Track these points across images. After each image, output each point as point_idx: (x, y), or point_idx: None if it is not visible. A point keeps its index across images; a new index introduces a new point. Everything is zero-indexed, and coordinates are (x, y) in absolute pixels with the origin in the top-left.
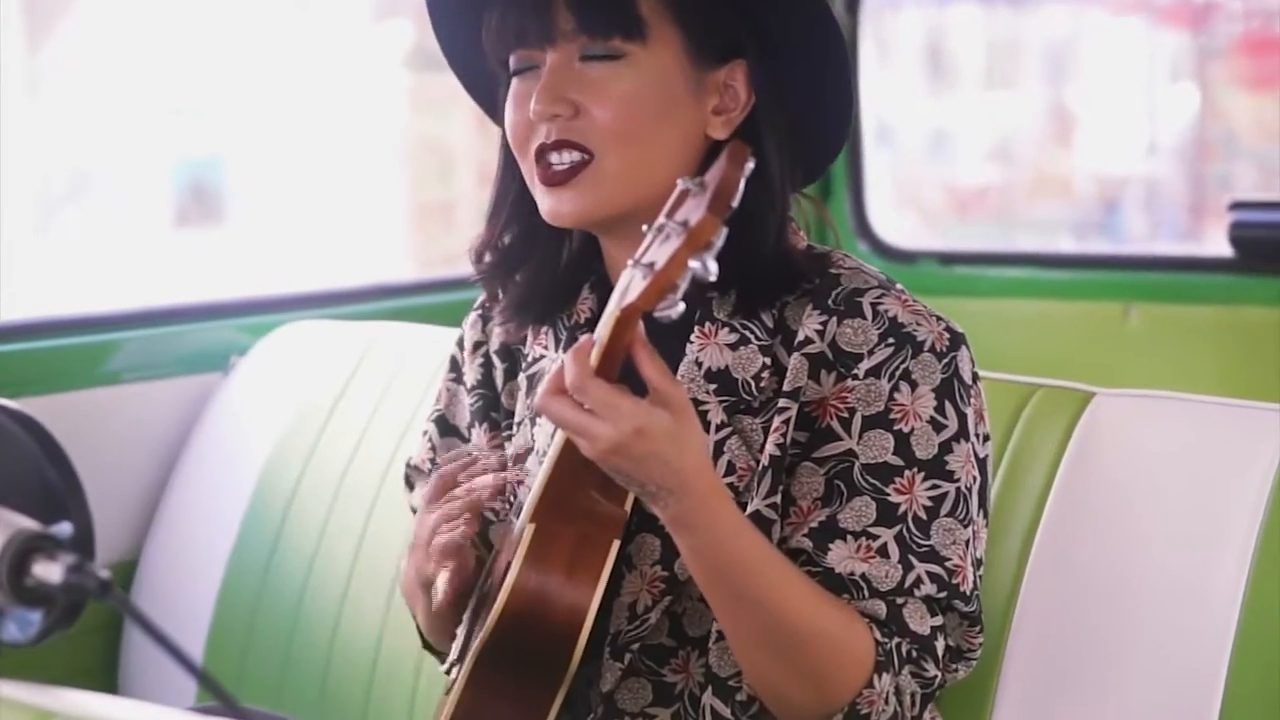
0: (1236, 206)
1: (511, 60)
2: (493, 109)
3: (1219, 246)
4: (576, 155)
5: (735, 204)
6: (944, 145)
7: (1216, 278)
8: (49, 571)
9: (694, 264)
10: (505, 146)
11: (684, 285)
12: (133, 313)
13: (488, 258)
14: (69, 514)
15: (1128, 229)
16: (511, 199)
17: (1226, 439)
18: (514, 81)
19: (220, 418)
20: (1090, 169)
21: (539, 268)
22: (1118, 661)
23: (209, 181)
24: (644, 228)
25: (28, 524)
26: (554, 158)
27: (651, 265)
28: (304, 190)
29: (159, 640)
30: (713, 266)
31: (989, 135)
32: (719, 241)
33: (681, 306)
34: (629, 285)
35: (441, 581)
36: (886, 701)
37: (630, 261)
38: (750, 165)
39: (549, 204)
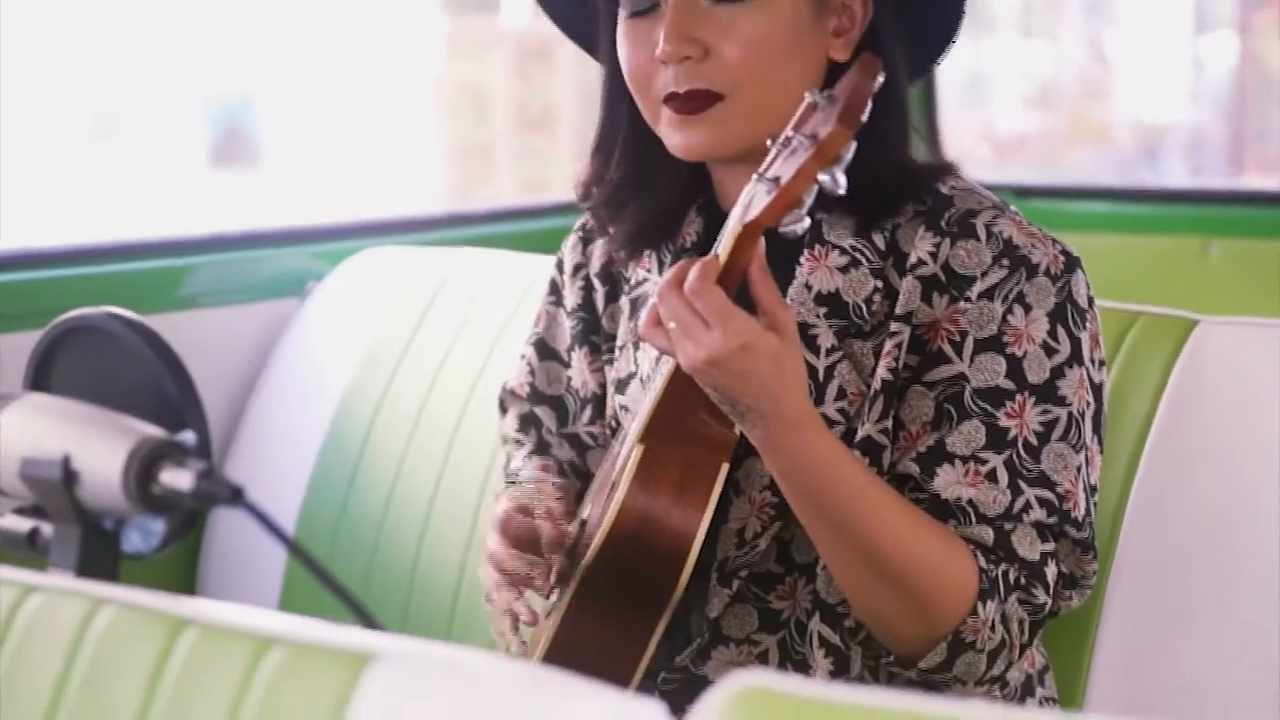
0: None
1: None
2: (590, 44)
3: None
4: (706, 95)
5: (865, 117)
6: (982, 91)
7: None
8: (178, 479)
9: (823, 177)
10: (610, 82)
11: (809, 200)
12: (208, 237)
13: (595, 192)
14: (187, 425)
15: (1166, 178)
16: (623, 134)
17: None
18: (629, 21)
19: (297, 344)
20: (1129, 117)
21: (650, 200)
22: (1222, 596)
23: (244, 123)
24: (768, 142)
25: (154, 431)
26: (684, 102)
27: (777, 180)
28: (340, 132)
29: (295, 551)
30: (841, 180)
31: (1028, 82)
32: (848, 155)
33: (807, 222)
34: (752, 200)
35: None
36: (993, 629)
37: (755, 176)
38: (881, 78)
39: (679, 138)
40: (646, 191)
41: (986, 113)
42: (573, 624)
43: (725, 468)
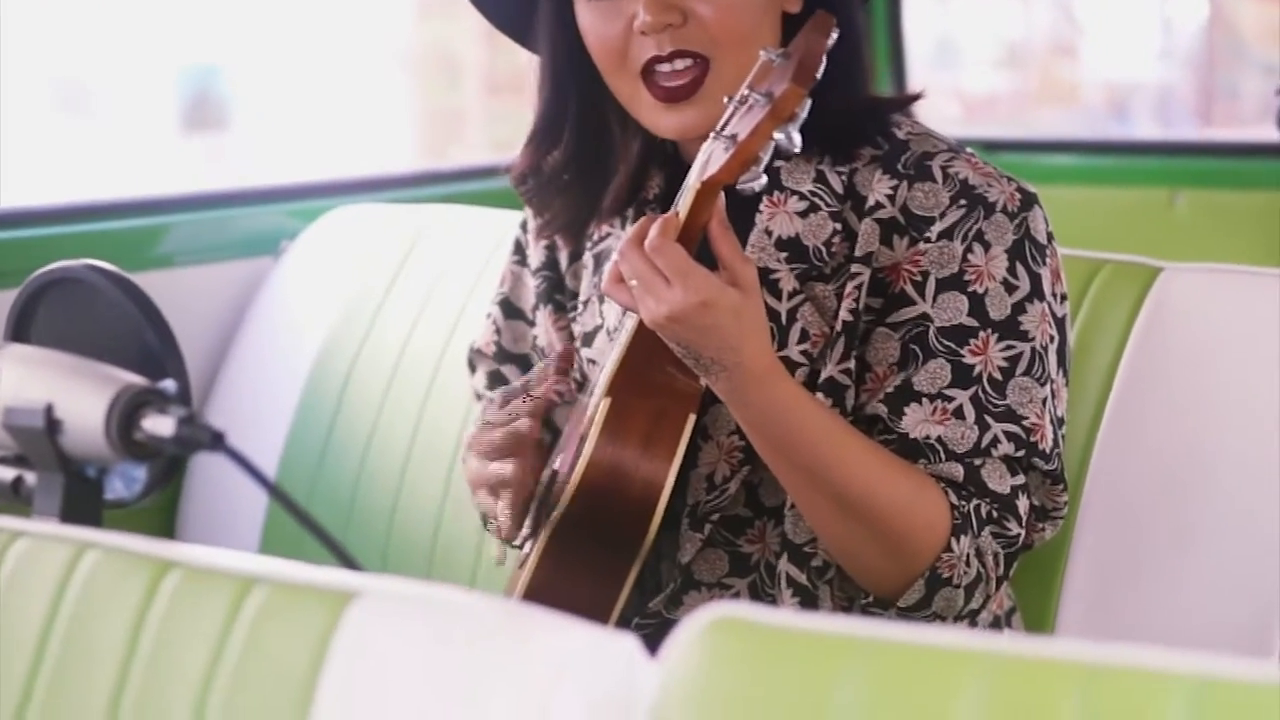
0: None
1: None
2: (521, 34)
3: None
4: (690, 62)
5: (820, 75)
6: (952, 54)
7: (1263, 163)
8: (160, 425)
9: (778, 135)
10: (552, 67)
11: (767, 157)
12: (184, 197)
13: (529, 182)
14: (167, 374)
15: (1135, 135)
16: (571, 119)
17: None
18: (590, 3)
19: (273, 301)
20: (1098, 76)
21: (587, 191)
22: (1188, 536)
23: (214, 88)
24: (724, 99)
25: (136, 379)
26: (666, 68)
27: (734, 137)
28: (311, 97)
29: (276, 495)
30: (797, 138)
31: (997, 43)
32: (803, 113)
33: (764, 179)
34: (710, 158)
35: (502, 510)
36: (968, 564)
37: (712, 134)
38: (835, 35)
39: (669, 121)
40: (594, 174)
41: (956, 75)
42: (545, 574)
43: (692, 419)
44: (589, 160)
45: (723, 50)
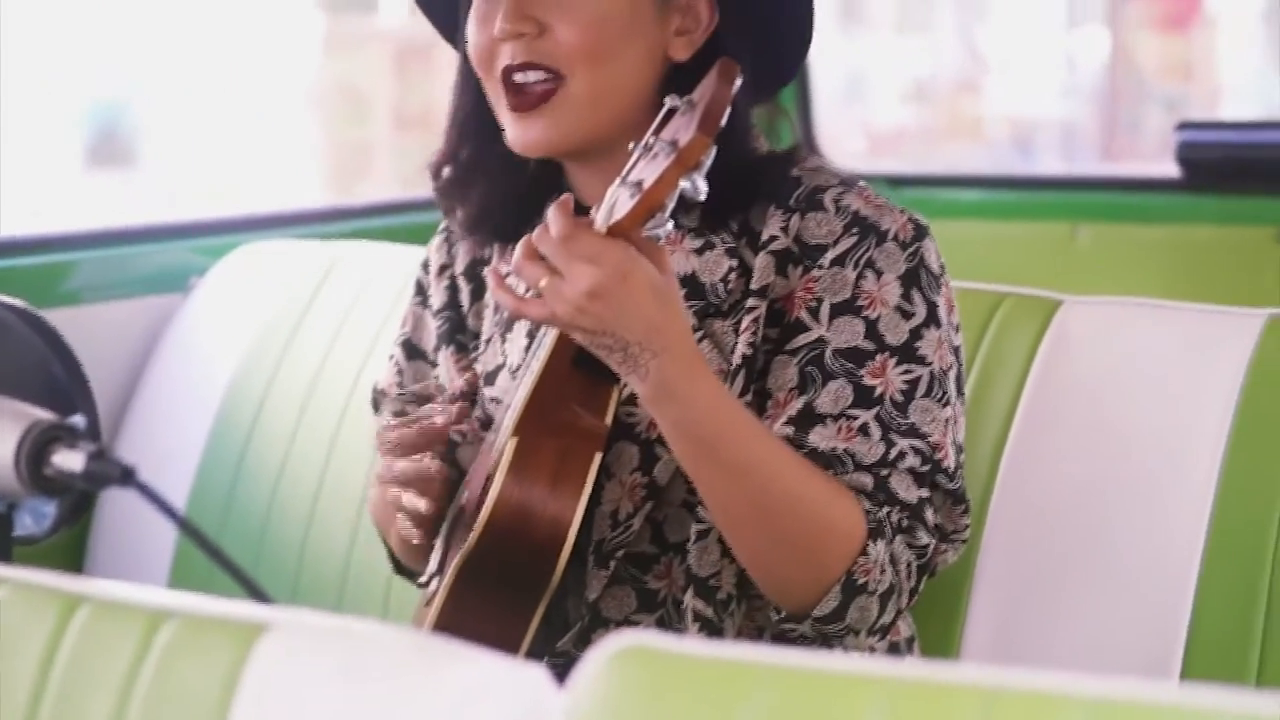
0: (1184, 127)
1: None
2: (452, 32)
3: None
4: (543, 74)
5: (724, 123)
6: (859, 88)
7: (1163, 197)
8: (69, 460)
9: (684, 183)
10: (463, 64)
11: (671, 204)
12: (91, 233)
13: (446, 173)
14: (76, 408)
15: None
16: (467, 116)
17: (1193, 344)
18: (478, 2)
19: (182, 339)
20: (1003, 111)
21: (498, 184)
22: (1090, 565)
23: (121, 123)
24: (630, 145)
25: (44, 415)
26: (519, 78)
27: (639, 184)
28: (218, 132)
29: (186, 529)
30: (702, 185)
31: (903, 78)
32: (708, 161)
33: (670, 225)
34: (615, 203)
35: (405, 524)
36: (882, 571)
37: (618, 180)
38: (739, 82)
39: (517, 133)
40: (493, 174)
41: (864, 109)
42: (452, 611)
43: (598, 457)
44: (489, 163)
45: (576, 67)
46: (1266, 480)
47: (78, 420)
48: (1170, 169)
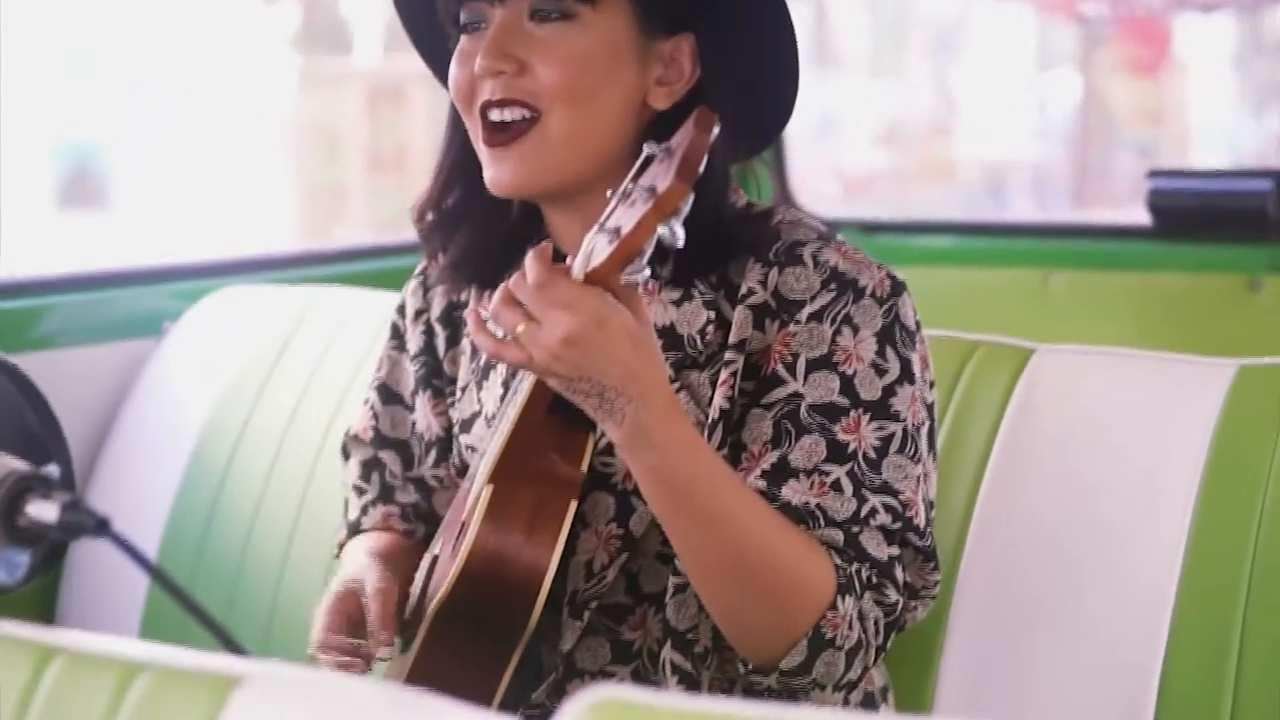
0: (1155, 175)
1: (461, 15)
2: (443, 70)
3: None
4: (521, 111)
5: (702, 170)
6: (831, 131)
7: (1134, 245)
8: (43, 511)
9: (662, 230)
10: (453, 106)
11: (650, 251)
12: (63, 277)
13: (430, 216)
14: (49, 457)
15: (1011, 214)
16: (454, 159)
17: (1166, 393)
18: (462, 39)
19: (155, 384)
20: (975, 154)
21: (481, 229)
22: (1062, 614)
23: (93, 165)
24: (608, 192)
25: (18, 464)
26: (496, 115)
27: (617, 230)
28: (191, 172)
29: (160, 580)
30: (680, 232)
31: (876, 121)
32: (686, 208)
33: (647, 272)
34: (593, 249)
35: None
36: (850, 626)
37: (596, 226)
38: (717, 130)
39: (492, 171)
40: (477, 219)
41: (836, 152)
42: (426, 661)
43: (574, 505)
44: (473, 206)
45: (553, 105)
46: (1238, 530)
47: (51, 470)
48: (1141, 214)
